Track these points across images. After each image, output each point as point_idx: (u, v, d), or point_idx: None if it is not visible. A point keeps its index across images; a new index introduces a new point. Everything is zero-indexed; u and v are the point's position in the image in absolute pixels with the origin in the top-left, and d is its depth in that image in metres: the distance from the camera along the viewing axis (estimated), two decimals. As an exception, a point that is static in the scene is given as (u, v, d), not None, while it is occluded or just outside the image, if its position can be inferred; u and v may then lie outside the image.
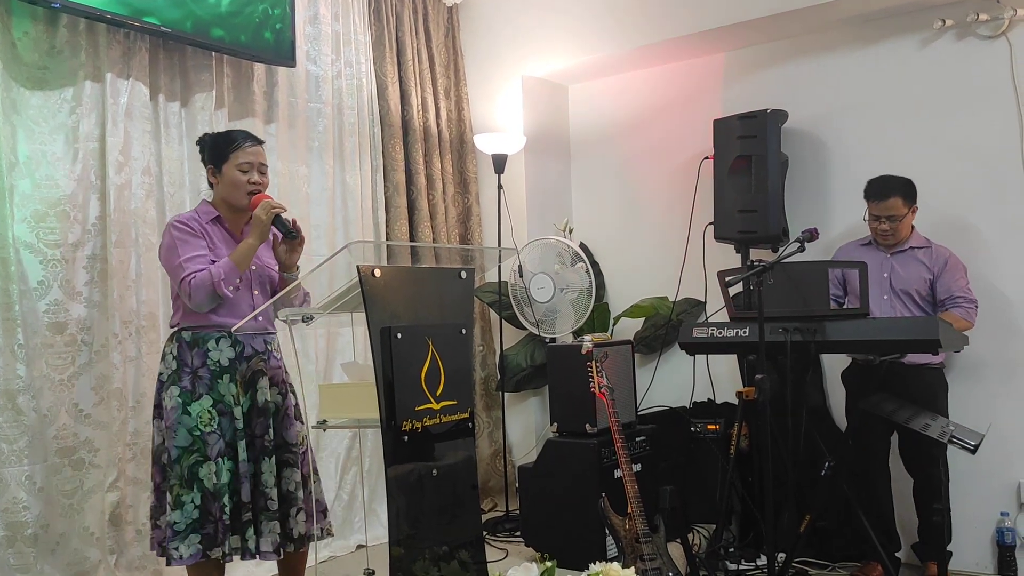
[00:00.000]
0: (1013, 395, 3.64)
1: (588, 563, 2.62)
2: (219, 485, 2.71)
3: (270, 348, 2.92)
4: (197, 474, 2.70)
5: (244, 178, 2.83)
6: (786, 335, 3.17)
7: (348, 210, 4.47)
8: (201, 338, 2.78)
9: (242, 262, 2.76)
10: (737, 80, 4.50)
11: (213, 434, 2.73)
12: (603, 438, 3.79)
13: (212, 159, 2.89)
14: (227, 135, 2.94)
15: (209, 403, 2.74)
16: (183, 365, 2.77)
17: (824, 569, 3.71)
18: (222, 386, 2.77)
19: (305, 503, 2.92)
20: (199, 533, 2.69)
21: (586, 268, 4.38)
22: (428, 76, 4.93)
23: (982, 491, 3.64)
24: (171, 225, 2.82)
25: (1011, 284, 3.64)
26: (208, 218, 2.86)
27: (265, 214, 2.76)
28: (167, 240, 2.80)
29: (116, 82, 3.46)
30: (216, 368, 2.77)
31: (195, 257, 2.75)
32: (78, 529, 3.29)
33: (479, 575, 2.71)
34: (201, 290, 2.70)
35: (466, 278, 2.81)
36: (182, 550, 2.68)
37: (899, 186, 3.46)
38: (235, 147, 2.84)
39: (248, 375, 2.83)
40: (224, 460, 2.74)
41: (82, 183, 3.38)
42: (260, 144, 2.92)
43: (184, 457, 2.71)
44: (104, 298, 3.41)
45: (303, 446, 2.96)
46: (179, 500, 2.70)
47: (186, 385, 2.75)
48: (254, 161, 2.86)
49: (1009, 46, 3.69)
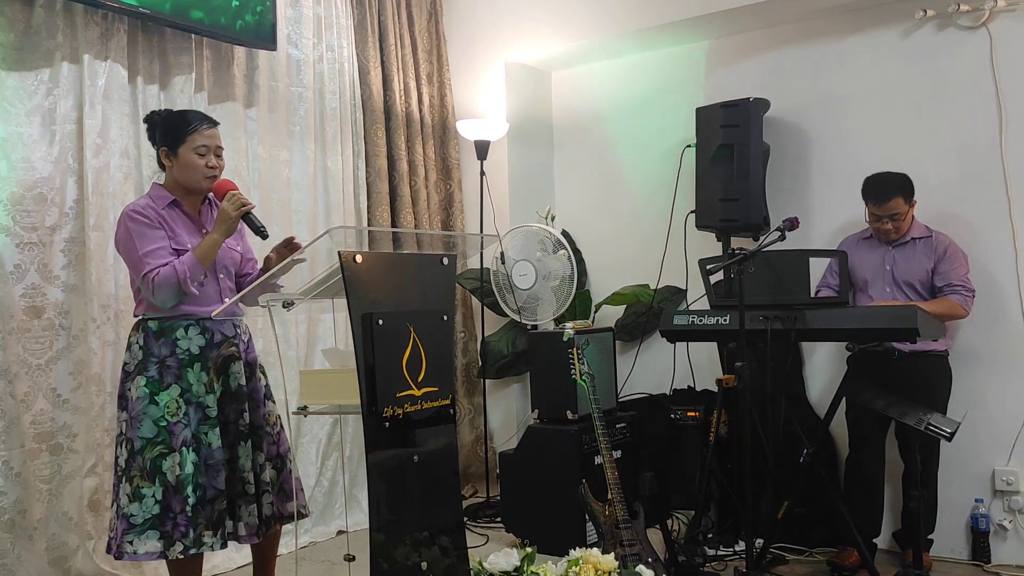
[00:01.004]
0: (988, 383, 3.68)
1: (568, 549, 2.64)
2: (182, 476, 2.65)
3: (238, 331, 2.88)
4: (160, 467, 2.64)
5: (201, 162, 2.75)
6: (766, 323, 3.20)
7: (329, 195, 4.44)
8: (168, 327, 2.72)
9: (206, 258, 2.69)
10: (720, 68, 4.51)
11: (179, 424, 2.67)
12: (584, 425, 3.81)
13: (165, 140, 2.78)
14: (181, 115, 2.84)
15: (177, 392, 2.69)
16: (149, 355, 2.70)
17: (801, 555, 3.75)
18: (191, 375, 2.72)
19: (286, 482, 2.92)
20: (157, 530, 2.63)
21: (568, 255, 4.38)
22: (411, 61, 4.91)
23: (958, 478, 3.68)
24: (126, 216, 2.71)
25: (986, 274, 3.67)
26: (164, 203, 2.76)
27: (234, 210, 2.69)
28: (122, 232, 2.71)
29: (94, 64, 3.42)
30: (185, 357, 2.72)
31: (156, 250, 2.66)
32: (56, 515, 3.27)
33: (460, 561, 2.72)
34: (165, 287, 2.63)
35: (448, 264, 2.81)
36: (136, 545, 2.61)
37: (897, 184, 3.46)
38: (191, 129, 2.75)
39: (220, 361, 2.79)
40: (188, 451, 2.67)
41: (59, 166, 3.34)
42: (216, 126, 2.83)
43: (148, 449, 2.65)
44: (82, 282, 3.37)
45: (276, 426, 2.94)
46: (139, 492, 2.63)
47: (153, 375, 2.69)
48: (211, 144, 2.77)
49: (989, 37, 3.71)
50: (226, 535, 2.75)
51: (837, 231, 4.00)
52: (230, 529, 2.76)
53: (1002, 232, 3.68)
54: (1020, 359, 3.63)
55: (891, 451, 3.64)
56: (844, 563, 3.51)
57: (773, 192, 4.17)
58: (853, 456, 3.65)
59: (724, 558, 3.73)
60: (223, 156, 2.84)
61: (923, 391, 3.37)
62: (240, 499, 2.79)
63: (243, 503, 2.79)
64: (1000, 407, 3.65)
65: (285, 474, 2.95)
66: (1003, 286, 3.67)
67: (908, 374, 3.44)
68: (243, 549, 3.64)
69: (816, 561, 3.68)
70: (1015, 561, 3.59)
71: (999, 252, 3.68)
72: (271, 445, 2.92)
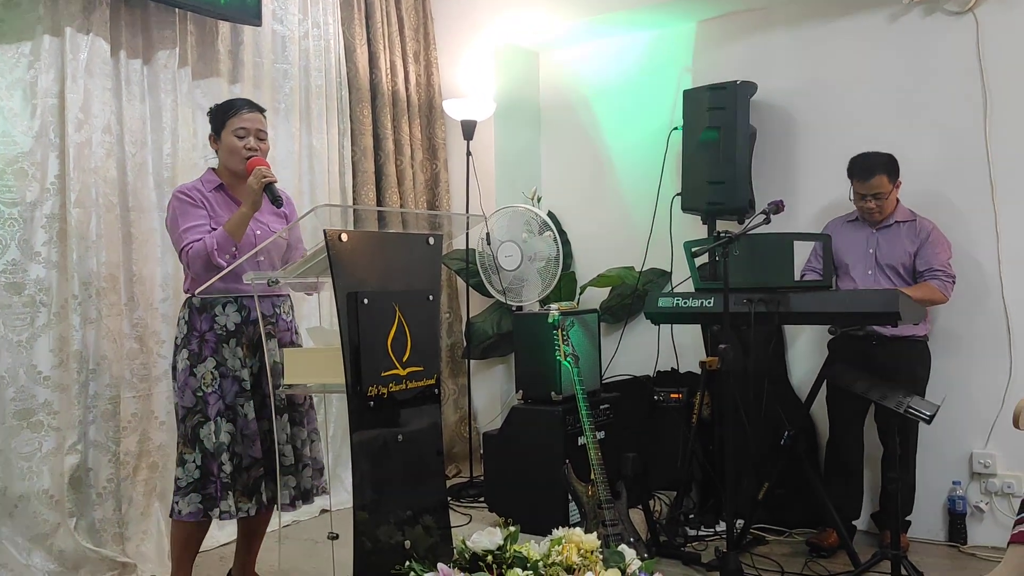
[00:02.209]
0: (968, 367, 3.72)
1: (551, 528, 2.64)
2: (216, 444, 2.79)
3: (278, 311, 2.97)
4: (198, 434, 2.80)
5: (240, 143, 2.86)
6: (750, 306, 3.21)
7: (315, 174, 4.42)
8: (209, 303, 2.84)
9: (236, 231, 2.78)
10: (707, 51, 4.50)
11: (214, 394, 2.81)
12: (568, 406, 3.82)
13: (213, 126, 2.93)
14: (228, 102, 2.96)
15: (212, 365, 2.82)
16: (192, 329, 2.85)
17: (781, 535, 3.79)
18: (227, 350, 2.84)
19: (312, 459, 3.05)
20: (200, 493, 2.80)
21: (554, 237, 4.38)
22: (397, 39, 4.87)
23: (936, 461, 3.73)
24: (174, 195, 2.86)
25: (968, 258, 3.70)
26: (211, 186, 2.89)
27: (256, 183, 2.77)
28: (170, 210, 2.86)
29: (76, 37, 3.37)
30: (223, 332, 2.84)
31: (194, 227, 2.79)
32: (37, 492, 3.25)
33: (443, 540, 2.73)
34: (197, 260, 2.75)
35: (434, 244, 2.80)
36: (182, 506, 2.80)
37: (882, 163, 3.49)
38: (233, 112, 2.88)
39: (256, 338, 2.89)
40: (222, 420, 2.81)
41: (40, 140, 3.30)
42: (260, 111, 2.95)
43: (188, 417, 2.82)
44: (63, 259, 3.34)
45: (305, 404, 3.06)
46: (182, 458, 2.83)
47: (194, 348, 2.83)
48: (250, 127, 2.88)
49: (976, 22, 3.72)
50: (262, 502, 2.88)
51: (822, 214, 4.02)
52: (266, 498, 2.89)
53: (984, 216, 3.71)
54: (1000, 343, 3.67)
55: (870, 434, 3.68)
56: (823, 544, 3.55)
57: (759, 175, 4.18)
58: (833, 439, 3.68)
59: (705, 538, 3.76)
60: (267, 140, 2.94)
61: (902, 375, 3.41)
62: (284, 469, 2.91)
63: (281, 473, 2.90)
64: (978, 390, 3.69)
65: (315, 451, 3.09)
66: (984, 270, 3.70)
67: (888, 358, 3.47)
68: (226, 526, 3.65)
69: (796, 542, 3.72)
70: (991, 543, 3.64)
71: (981, 236, 3.71)
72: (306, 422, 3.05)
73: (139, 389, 3.56)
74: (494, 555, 2.46)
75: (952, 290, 3.48)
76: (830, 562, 3.45)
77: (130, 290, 3.57)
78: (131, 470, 3.53)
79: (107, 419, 3.44)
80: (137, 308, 3.58)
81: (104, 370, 3.44)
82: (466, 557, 2.50)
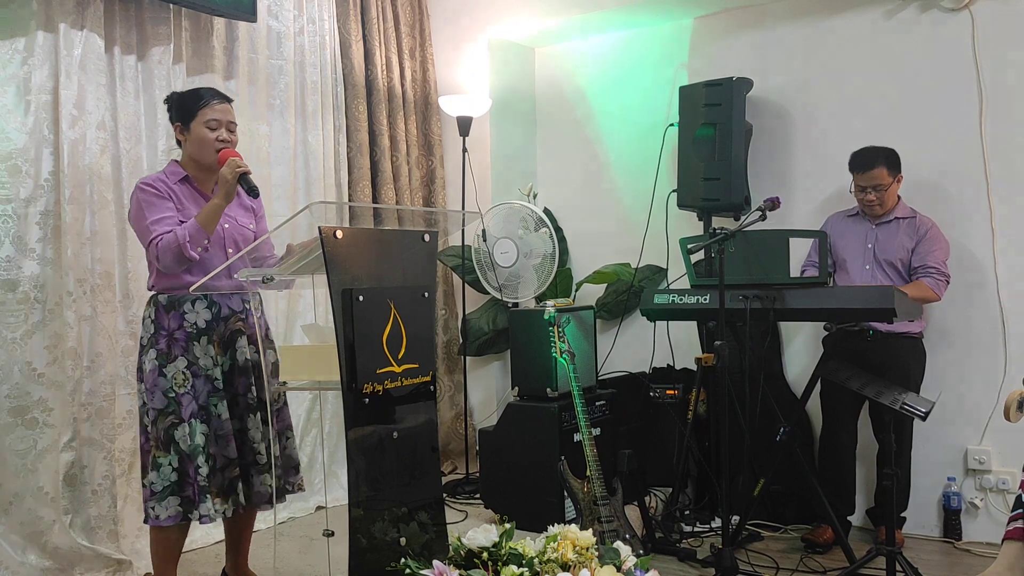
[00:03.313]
0: (963, 363, 3.73)
1: (547, 525, 2.64)
2: (192, 446, 2.74)
3: (248, 307, 2.93)
4: (173, 436, 2.74)
5: (212, 135, 2.80)
6: (746, 302, 3.21)
7: (310, 170, 4.41)
8: (177, 301, 2.78)
9: (208, 223, 2.73)
10: (704, 47, 4.49)
11: (187, 395, 2.75)
12: (564, 402, 3.82)
13: (179, 117, 2.85)
14: (195, 92, 2.90)
15: (184, 364, 2.76)
16: (160, 328, 2.78)
17: (776, 531, 3.80)
18: (198, 348, 2.78)
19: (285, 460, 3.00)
20: (178, 496, 2.74)
21: (550, 233, 4.37)
22: (393, 35, 4.86)
23: (930, 457, 3.74)
24: (138, 187, 2.79)
25: (964, 255, 3.70)
26: (176, 179, 2.83)
27: (231, 173, 2.72)
28: (134, 203, 2.78)
29: (70, 33, 3.36)
30: (193, 330, 2.78)
31: (162, 219, 2.72)
32: (32, 489, 3.25)
33: (438, 536, 2.73)
34: (168, 252, 2.69)
35: (429, 241, 2.79)
36: (159, 511, 2.73)
37: (883, 156, 3.50)
38: (203, 104, 2.81)
39: (226, 335, 2.84)
40: (196, 422, 2.75)
41: (34, 136, 3.29)
42: (229, 102, 2.89)
43: (160, 419, 2.75)
44: (58, 255, 3.33)
45: (279, 402, 3.01)
46: (156, 462, 2.75)
47: (162, 348, 2.77)
48: (222, 119, 2.83)
49: (971, 19, 3.72)
50: (239, 503, 2.83)
51: (818, 211, 4.03)
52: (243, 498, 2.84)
53: (980, 213, 3.71)
54: (995, 339, 3.68)
55: (865, 430, 3.68)
56: (818, 540, 3.56)
57: (755, 172, 4.18)
58: (827, 435, 3.69)
59: (701, 534, 3.77)
60: (236, 132, 2.88)
61: (897, 372, 3.41)
62: (252, 468, 2.88)
63: (255, 472, 2.88)
64: (973, 387, 3.70)
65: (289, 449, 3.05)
66: (980, 267, 3.70)
67: (883, 355, 3.47)
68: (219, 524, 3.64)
69: (791, 538, 3.73)
70: (985, 539, 3.65)
71: (976, 233, 3.71)
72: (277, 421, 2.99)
73: (134, 386, 3.53)
74: (490, 552, 2.46)
75: (945, 290, 3.48)
76: (825, 558, 3.46)
77: (125, 287, 3.56)
78: (126, 467, 3.53)
79: (102, 416, 3.44)
80: (132, 305, 3.57)
81: (99, 367, 3.43)
82: (461, 554, 2.50)
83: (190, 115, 2.82)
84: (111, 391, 3.47)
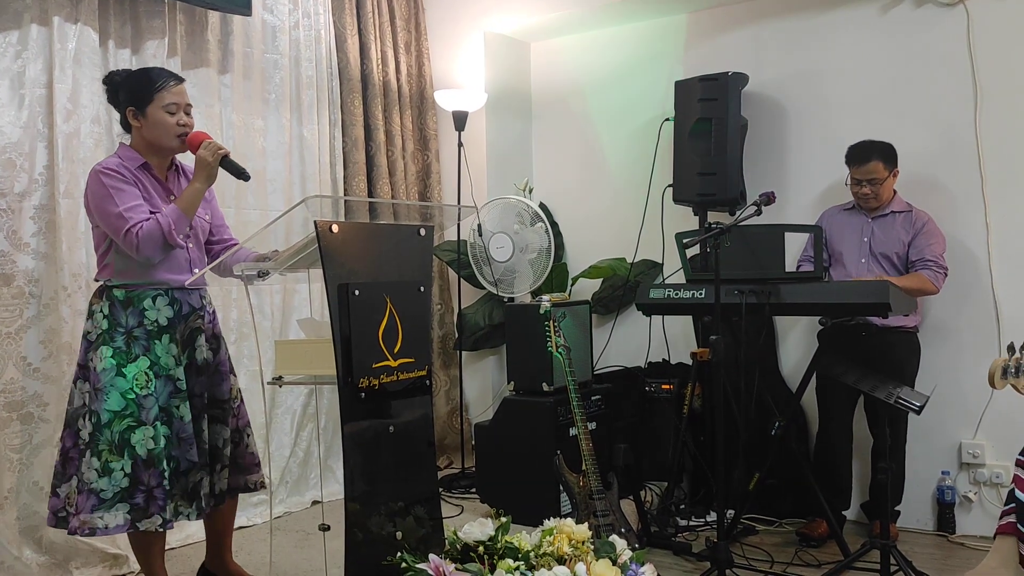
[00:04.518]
0: (957, 357, 3.74)
1: (542, 519, 2.65)
2: (156, 451, 2.60)
3: (204, 303, 2.84)
4: (129, 440, 2.58)
5: (172, 120, 2.67)
6: (741, 297, 3.22)
7: (305, 165, 4.39)
8: (136, 296, 2.65)
9: (189, 208, 2.65)
10: (699, 42, 4.49)
11: (149, 397, 2.61)
12: (559, 397, 3.82)
13: (132, 100, 2.68)
14: (145, 73, 2.75)
15: (146, 364, 2.62)
16: (116, 324, 2.63)
17: (771, 525, 3.81)
18: (159, 347, 2.66)
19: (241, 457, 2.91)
20: (128, 503, 2.58)
21: (545, 228, 4.38)
22: (388, 29, 4.84)
23: (925, 451, 3.75)
24: (99, 173, 2.61)
25: (959, 249, 3.71)
26: (135, 164, 2.68)
27: (211, 156, 2.63)
28: (98, 189, 2.60)
29: (64, 26, 3.35)
30: (154, 328, 2.66)
31: (135, 207, 2.59)
32: (27, 484, 3.24)
33: (434, 531, 2.73)
34: (150, 241, 2.57)
35: (425, 235, 2.79)
36: (107, 519, 2.55)
37: (879, 150, 3.51)
38: (159, 87, 2.66)
39: (187, 334, 2.75)
40: (160, 425, 2.62)
41: (28, 130, 3.28)
42: (183, 82, 2.74)
43: (116, 422, 2.58)
44: (52, 250, 3.32)
45: (236, 399, 2.92)
46: (107, 467, 2.56)
47: (120, 346, 2.61)
48: (180, 101, 2.69)
49: (967, 14, 3.73)
50: (201, 507, 2.73)
51: (813, 205, 4.03)
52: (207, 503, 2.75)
53: (974, 208, 3.72)
54: (989, 334, 3.69)
55: (860, 425, 3.69)
56: (813, 534, 3.56)
57: (750, 167, 4.18)
58: (822, 429, 3.70)
59: (696, 528, 3.78)
60: (192, 114, 2.76)
61: (892, 366, 3.42)
62: (216, 466, 2.81)
63: (218, 470, 2.81)
64: (968, 381, 3.70)
65: (242, 448, 2.93)
66: (974, 262, 3.71)
67: (878, 349, 3.48)
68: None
69: (786, 532, 3.74)
70: (979, 532, 3.66)
71: (971, 228, 3.72)
72: (232, 419, 2.89)
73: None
74: (485, 546, 2.47)
75: (944, 282, 3.49)
76: (820, 552, 3.47)
77: (120, 281, 3.55)
78: (122, 462, 3.52)
79: (97, 411, 3.43)
80: (127, 300, 3.56)
81: (94, 362, 3.42)
82: (457, 548, 2.50)
83: (145, 99, 2.65)
84: (106, 386, 3.46)
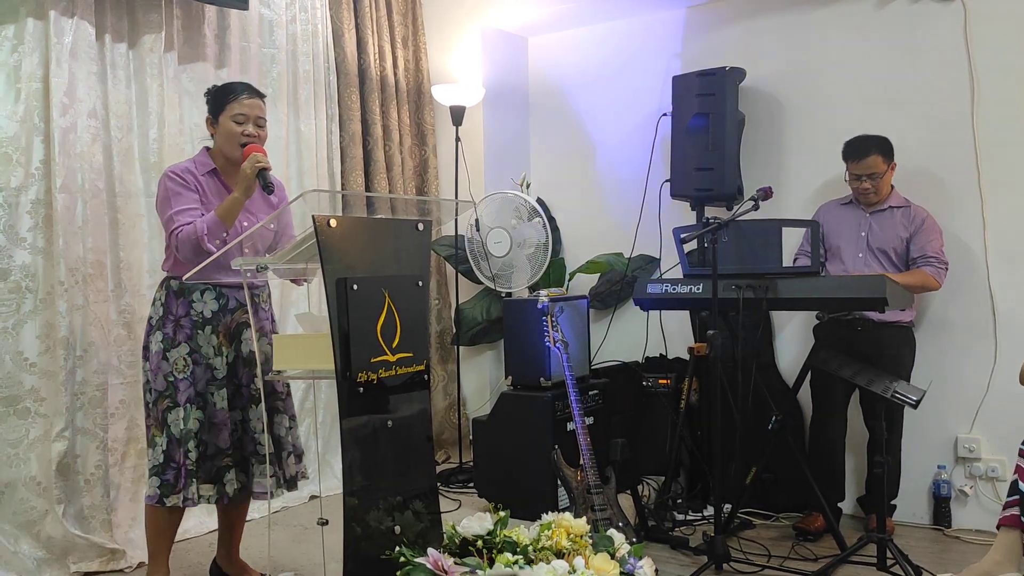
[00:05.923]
0: (953, 352, 3.75)
1: (540, 513, 2.65)
2: (184, 431, 2.78)
3: (258, 301, 2.97)
4: (166, 419, 2.80)
5: (238, 129, 2.83)
6: (738, 292, 3.23)
7: (303, 160, 4.39)
8: (187, 288, 2.83)
9: (227, 217, 2.77)
10: (696, 37, 4.49)
11: (184, 381, 2.80)
12: (557, 391, 3.83)
13: (210, 109, 2.90)
14: (228, 86, 2.94)
15: (186, 351, 2.82)
16: (168, 312, 2.84)
17: (768, 519, 3.82)
18: (201, 337, 2.84)
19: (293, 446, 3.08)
20: (159, 478, 2.79)
21: (543, 223, 4.38)
22: (385, 24, 4.84)
23: (921, 445, 3.76)
24: (165, 175, 2.83)
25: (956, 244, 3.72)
26: (205, 169, 2.87)
27: (250, 168, 2.74)
28: (161, 190, 2.82)
29: (60, 20, 3.33)
30: (199, 319, 2.84)
31: (186, 210, 2.77)
32: (24, 478, 3.24)
33: (432, 525, 2.73)
34: (186, 244, 2.74)
35: (423, 230, 2.79)
36: (148, 488, 2.83)
37: (877, 144, 3.51)
38: (232, 98, 2.85)
39: (233, 327, 2.89)
40: (191, 408, 2.80)
41: (25, 125, 3.27)
42: (261, 97, 2.92)
43: (159, 401, 2.82)
44: (49, 245, 3.32)
45: (284, 392, 3.06)
46: (153, 440, 2.83)
47: (168, 332, 2.83)
48: (250, 113, 2.85)
49: (964, 9, 3.73)
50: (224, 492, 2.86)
51: (810, 200, 4.04)
52: (237, 485, 2.88)
53: (971, 202, 3.72)
54: (985, 328, 3.70)
55: (856, 419, 3.70)
56: (809, 528, 3.58)
57: (747, 162, 4.18)
58: (817, 423, 3.71)
59: (693, 523, 3.79)
60: (265, 127, 2.90)
61: (888, 360, 3.43)
62: (253, 459, 2.94)
63: (256, 462, 2.94)
64: (964, 375, 3.72)
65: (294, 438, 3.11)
66: (971, 256, 3.72)
67: (873, 344, 3.49)
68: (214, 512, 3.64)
69: (782, 526, 3.75)
70: (975, 526, 3.68)
71: (968, 223, 3.72)
72: None
73: (126, 375, 3.54)
74: (484, 540, 2.47)
75: (945, 277, 3.51)
76: (816, 546, 3.48)
77: (117, 276, 3.55)
78: (119, 456, 3.52)
79: (94, 406, 3.43)
80: (124, 294, 3.56)
81: (91, 356, 3.42)
82: (456, 542, 2.51)
83: (220, 108, 2.85)
84: (103, 380, 3.46)
